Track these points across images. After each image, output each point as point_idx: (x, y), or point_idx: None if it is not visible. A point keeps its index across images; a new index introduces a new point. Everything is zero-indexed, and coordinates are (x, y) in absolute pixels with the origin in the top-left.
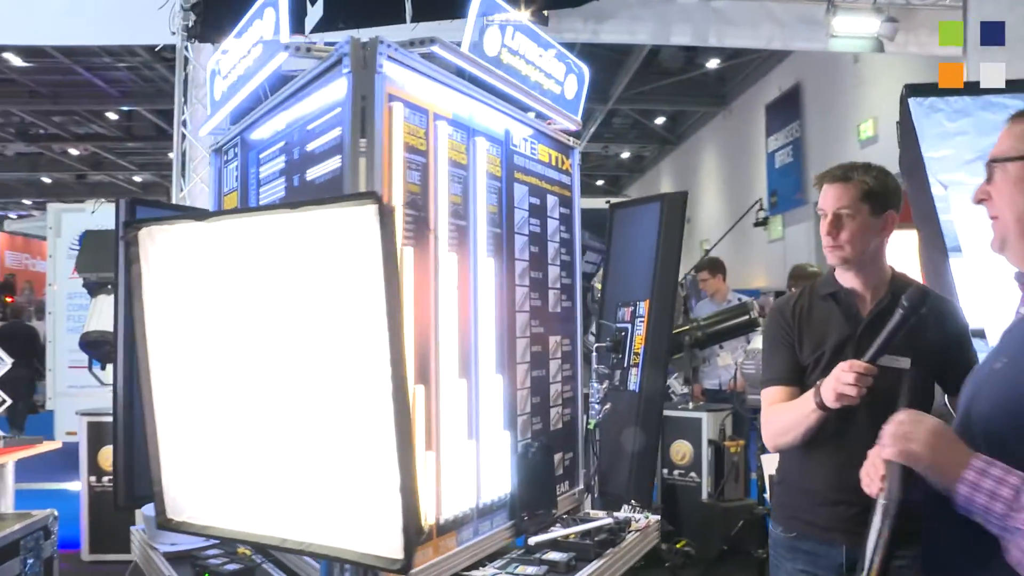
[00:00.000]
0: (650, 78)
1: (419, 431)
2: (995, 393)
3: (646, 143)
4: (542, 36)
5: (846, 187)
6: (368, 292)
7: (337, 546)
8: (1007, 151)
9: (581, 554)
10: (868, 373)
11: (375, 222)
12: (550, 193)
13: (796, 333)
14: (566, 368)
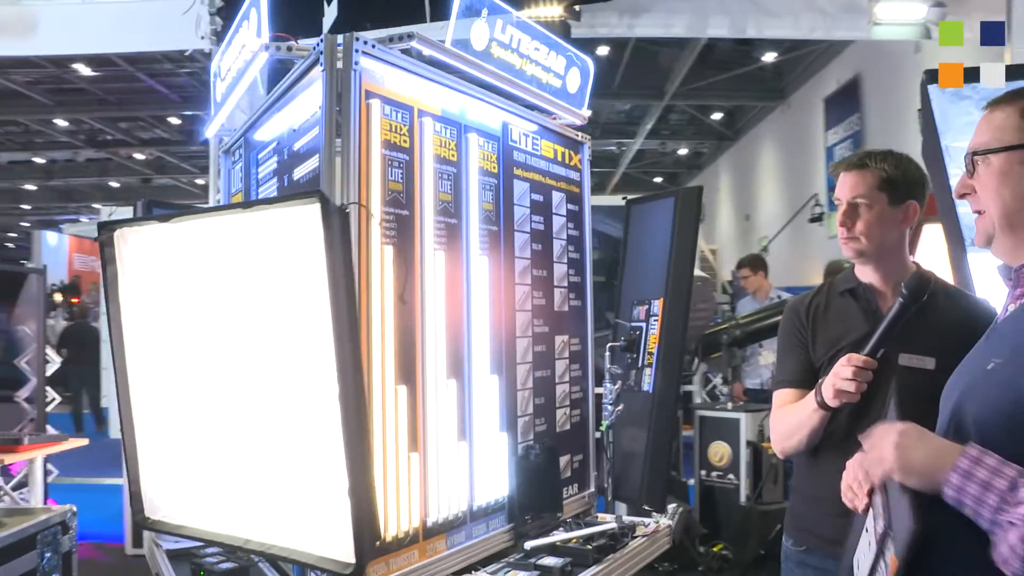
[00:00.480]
0: (706, 73)
1: (402, 432)
2: (991, 396)
3: (704, 139)
4: (538, 30)
5: (862, 175)
6: (319, 292)
7: (295, 548)
8: (988, 142)
9: (578, 559)
10: (867, 367)
11: (319, 221)
12: (556, 189)
13: (809, 332)
14: (575, 368)
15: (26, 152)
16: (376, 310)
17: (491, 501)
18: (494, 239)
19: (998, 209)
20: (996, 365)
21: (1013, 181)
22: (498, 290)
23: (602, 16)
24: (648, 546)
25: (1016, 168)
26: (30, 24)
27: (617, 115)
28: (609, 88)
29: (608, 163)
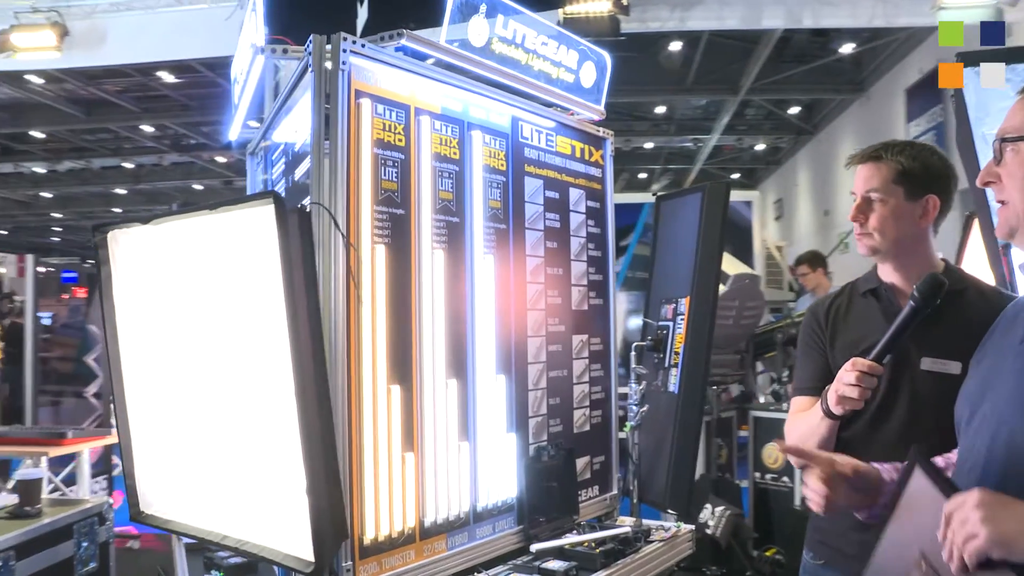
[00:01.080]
0: (783, 66)
1: (396, 432)
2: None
3: (781, 134)
4: (547, 25)
5: (877, 167)
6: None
7: (265, 545)
8: (1020, 128)
9: (585, 563)
10: (872, 373)
11: (273, 222)
12: (574, 186)
13: (828, 335)
14: (595, 368)
15: (116, 157)
16: (367, 310)
17: (498, 502)
18: (502, 237)
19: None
20: None
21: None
22: (506, 289)
23: (653, 10)
24: (666, 551)
25: None
26: (100, 36)
27: (692, 111)
28: (683, 84)
29: (684, 160)
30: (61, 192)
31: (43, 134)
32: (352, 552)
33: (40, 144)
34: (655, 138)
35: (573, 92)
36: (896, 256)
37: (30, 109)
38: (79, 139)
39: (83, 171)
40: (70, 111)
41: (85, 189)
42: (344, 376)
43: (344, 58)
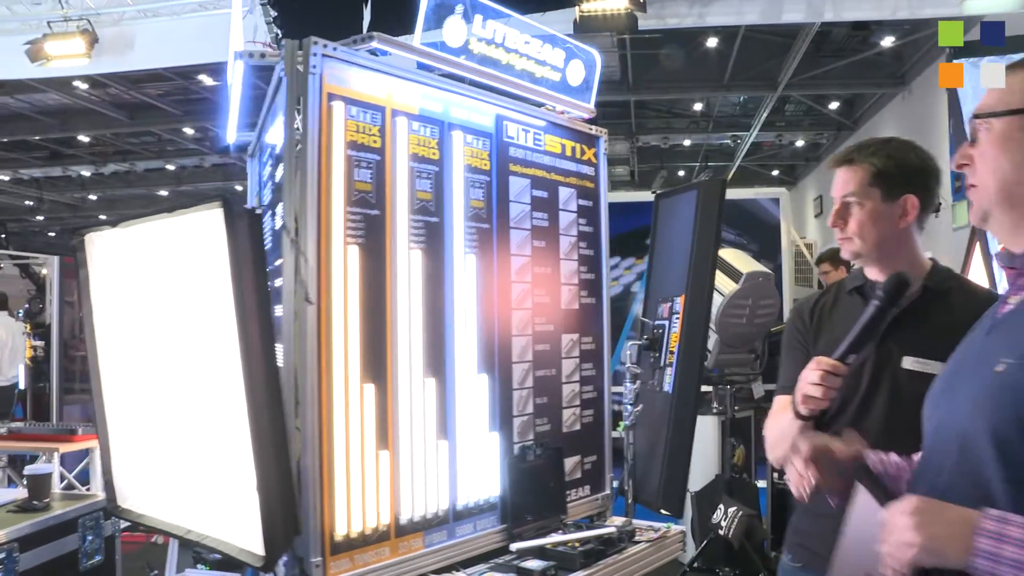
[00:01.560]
0: (821, 61)
1: (369, 430)
2: (1006, 403)
3: (822, 130)
4: (529, 24)
5: (852, 171)
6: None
7: (223, 540)
8: (993, 106)
9: (564, 563)
10: (836, 372)
11: (222, 225)
12: (564, 185)
13: (812, 333)
14: (587, 367)
15: (159, 160)
16: (338, 310)
17: (480, 501)
18: (485, 237)
19: (996, 181)
20: (1009, 367)
21: (1014, 148)
22: (489, 288)
23: (671, 6)
24: (653, 552)
25: (1018, 135)
26: (128, 41)
27: (731, 107)
28: (720, 80)
29: (723, 157)
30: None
31: (89, 138)
32: (323, 548)
33: (86, 148)
34: (693, 135)
35: (559, 91)
36: (879, 259)
37: (77, 114)
38: (123, 142)
39: (127, 174)
40: (114, 115)
41: (129, 191)
42: (315, 375)
43: (315, 62)
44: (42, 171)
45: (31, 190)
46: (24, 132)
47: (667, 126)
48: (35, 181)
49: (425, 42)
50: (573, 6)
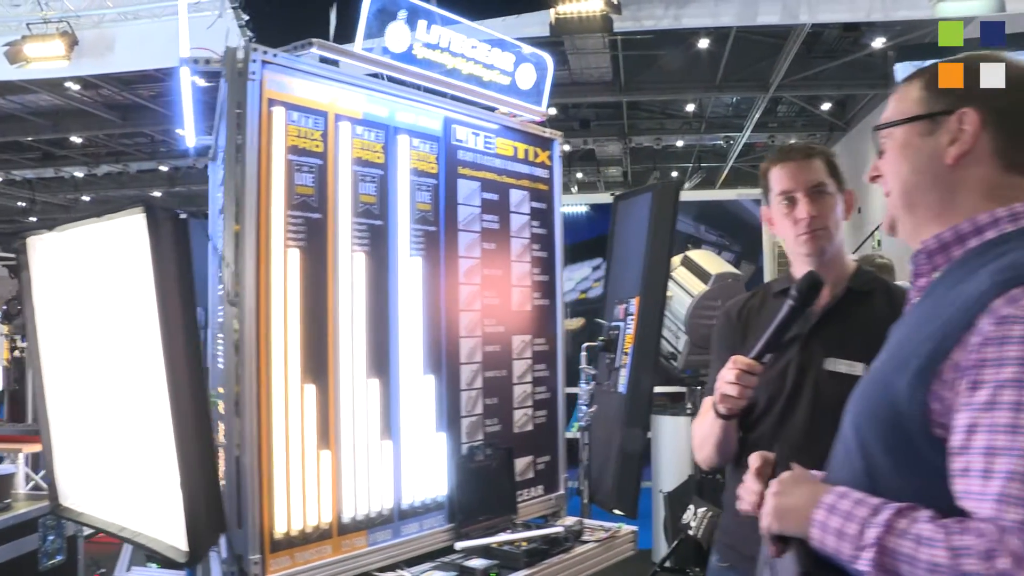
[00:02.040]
0: (813, 62)
1: (310, 430)
2: (867, 397)
3: (814, 130)
4: (476, 28)
5: (815, 162)
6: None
7: (154, 536)
8: (892, 116)
9: (507, 562)
10: (751, 371)
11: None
12: (516, 188)
13: (740, 335)
14: (540, 369)
15: (152, 161)
16: (278, 312)
17: (427, 500)
18: (431, 239)
19: (899, 187)
20: (879, 363)
21: (912, 154)
22: (435, 290)
23: (647, 8)
24: (601, 552)
25: (915, 141)
26: (108, 43)
27: (724, 108)
28: (713, 81)
29: (716, 158)
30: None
31: (81, 139)
32: (262, 545)
33: (79, 149)
34: (686, 136)
35: (509, 94)
36: (825, 254)
37: (69, 115)
38: (116, 143)
39: (120, 175)
40: (107, 116)
41: (123, 192)
42: (253, 375)
43: (254, 68)
44: (34, 172)
45: (23, 191)
46: (16, 133)
47: (660, 127)
48: (27, 182)
49: (372, 47)
50: (548, 8)
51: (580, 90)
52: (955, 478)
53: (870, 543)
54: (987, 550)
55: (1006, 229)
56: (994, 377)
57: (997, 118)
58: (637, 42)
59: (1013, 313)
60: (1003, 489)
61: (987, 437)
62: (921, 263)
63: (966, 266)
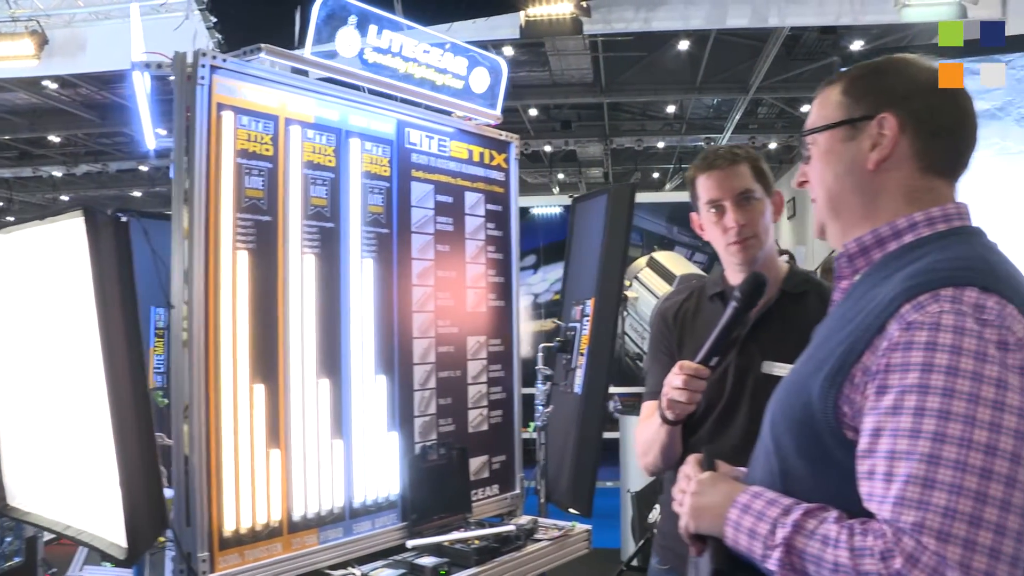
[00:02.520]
0: (792, 65)
1: (260, 430)
2: (782, 396)
3: (794, 132)
4: (429, 33)
5: (742, 168)
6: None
7: (97, 535)
8: (815, 122)
9: (457, 560)
10: (699, 375)
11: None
12: (470, 190)
13: (677, 339)
14: (495, 369)
15: (132, 161)
16: (226, 313)
17: (379, 499)
18: (384, 241)
19: (824, 193)
20: (797, 365)
21: (835, 161)
22: (388, 292)
23: (618, 11)
24: (554, 551)
25: (838, 147)
26: (80, 43)
27: (704, 110)
28: (693, 83)
29: None
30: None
31: (59, 138)
32: (210, 543)
33: (57, 148)
34: (667, 137)
35: (462, 98)
36: (757, 260)
37: (47, 114)
38: (95, 143)
39: (100, 174)
40: (86, 115)
41: (102, 192)
42: (201, 375)
43: (203, 73)
44: (11, 171)
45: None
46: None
47: (641, 128)
48: (4, 182)
49: (324, 52)
50: (518, 11)
51: (561, 91)
52: (861, 481)
53: (779, 543)
54: (884, 551)
55: (923, 233)
56: (899, 382)
57: (914, 121)
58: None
59: (919, 319)
60: (901, 492)
61: (890, 441)
62: (843, 266)
63: (883, 270)
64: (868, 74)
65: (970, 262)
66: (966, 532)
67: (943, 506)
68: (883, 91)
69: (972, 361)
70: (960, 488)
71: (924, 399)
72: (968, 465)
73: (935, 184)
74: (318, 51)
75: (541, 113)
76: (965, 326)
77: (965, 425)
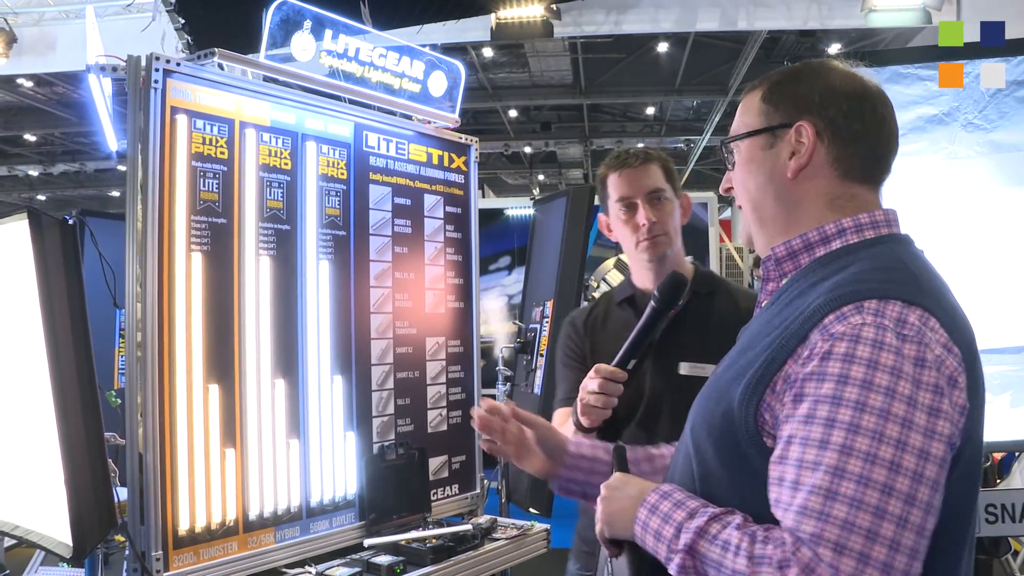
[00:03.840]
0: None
1: (214, 429)
2: (703, 399)
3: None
4: (385, 37)
5: (653, 167)
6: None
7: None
8: (736, 129)
9: (413, 559)
10: (615, 379)
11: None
12: (430, 193)
13: (588, 346)
14: (455, 370)
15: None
16: (180, 314)
17: (336, 498)
18: (341, 243)
19: (748, 202)
20: (719, 370)
21: (756, 170)
22: (345, 293)
23: (588, 14)
24: (511, 550)
25: (758, 155)
26: (50, 42)
27: (684, 112)
28: (672, 85)
29: (677, 160)
30: (56, 195)
31: (35, 137)
32: (164, 542)
33: (33, 147)
34: (647, 139)
35: (420, 102)
36: (666, 259)
37: (23, 112)
38: (72, 142)
39: (77, 174)
40: (62, 114)
41: (79, 192)
42: (156, 376)
43: (157, 77)
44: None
45: None
46: None
47: (621, 130)
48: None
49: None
50: (489, 14)
51: (541, 92)
52: (771, 487)
53: (682, 548)
54: (781, 560)
55: (851, 240)
56: (814, 391)
57: (831, 129)
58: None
59: (841, 330)
60: (805, 502)
61: (800, 450)
62: (770, 269)
63: (810, 276)
64: (786, 81)
65: (896, 274)
66: (861, 546)
67: (842, 519)
68: (800, 98)
69: (887, 376)
70: (860, 502)
71: (836, 410)
72: (871, 480)
73: (857, 191)
74: (274, 55)
75: (521, 114)
76: (884, 340)
77: (872, 440)
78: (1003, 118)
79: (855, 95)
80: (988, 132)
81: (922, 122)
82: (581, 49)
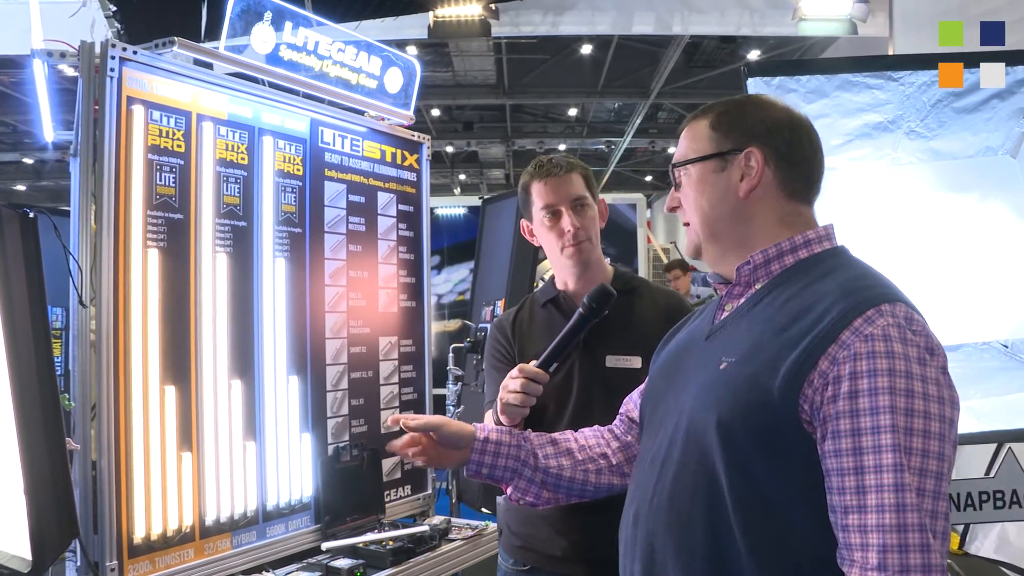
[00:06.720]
0: (692, 71)
1: (171, 432)
2: (729, 395)
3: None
4: (344, 32)
5: (575, 176)
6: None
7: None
8: (686, 154)
9: (373, 562)
10: (536, 379)
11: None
12: (383, 191)
13: (516, 348)
14: (407, 370)
15: (15, 153)
16: (136, 313)
17: (292, 501)
18: (297, 241)
19: (699, 219)
20: (730, 365)
21: (709, 190)
22: (301, 291)
23: (525, 14)
24: (468, 550)
25: (711, 177)
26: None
27: (606, 113)
28: (595, 87)
29: (598, 162)
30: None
31: None
32: (119, 551)
33: None
34: (569, 140)
35: (376, 98)
36: (590, 263)
37: None
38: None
39: None
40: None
41: None
42: (111, 377)
43: (112, 64)
44: None
45: None
46: None
47: (543, 130)
48: None
49: (237, 47)
50: (427, 11)
51: (464, 92)
52: (831, 493)
53: None
54: None
55: (815, 250)
56: (863, 385)
57: (776, 155)
58: (521, 46)
59: (872, 331)
60: (881, 541)
61: (852, 441)
62: (745, 274)
63: (794, 280)
64: (733, 111)
65: (878, 279)
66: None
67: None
68: (748, 127)
69: (916, 366)
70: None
71: (878, 398)
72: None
73: (800, 208)
74: (231, 46)
75: (444, 114)
76: (907, 336)
77: (921, 438)
78: (942, 127)
79: (794, 126)
80: (928, 140)
81: (868, 128)
82: (506, 49)
